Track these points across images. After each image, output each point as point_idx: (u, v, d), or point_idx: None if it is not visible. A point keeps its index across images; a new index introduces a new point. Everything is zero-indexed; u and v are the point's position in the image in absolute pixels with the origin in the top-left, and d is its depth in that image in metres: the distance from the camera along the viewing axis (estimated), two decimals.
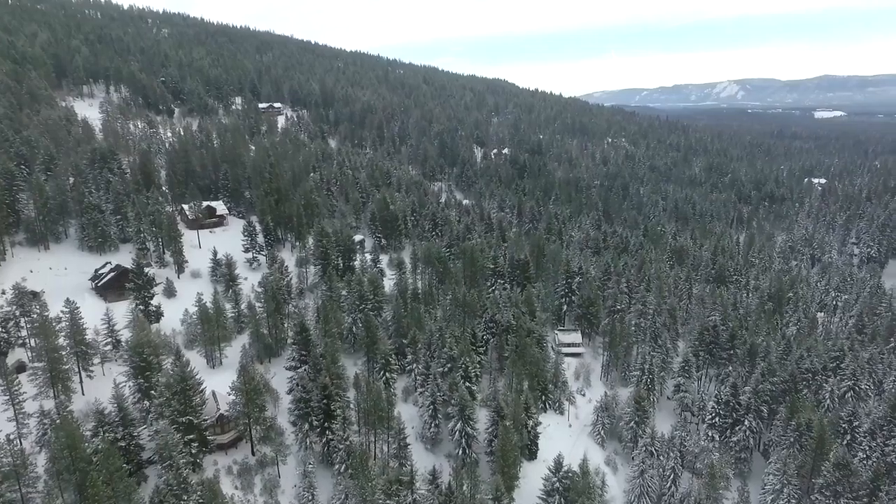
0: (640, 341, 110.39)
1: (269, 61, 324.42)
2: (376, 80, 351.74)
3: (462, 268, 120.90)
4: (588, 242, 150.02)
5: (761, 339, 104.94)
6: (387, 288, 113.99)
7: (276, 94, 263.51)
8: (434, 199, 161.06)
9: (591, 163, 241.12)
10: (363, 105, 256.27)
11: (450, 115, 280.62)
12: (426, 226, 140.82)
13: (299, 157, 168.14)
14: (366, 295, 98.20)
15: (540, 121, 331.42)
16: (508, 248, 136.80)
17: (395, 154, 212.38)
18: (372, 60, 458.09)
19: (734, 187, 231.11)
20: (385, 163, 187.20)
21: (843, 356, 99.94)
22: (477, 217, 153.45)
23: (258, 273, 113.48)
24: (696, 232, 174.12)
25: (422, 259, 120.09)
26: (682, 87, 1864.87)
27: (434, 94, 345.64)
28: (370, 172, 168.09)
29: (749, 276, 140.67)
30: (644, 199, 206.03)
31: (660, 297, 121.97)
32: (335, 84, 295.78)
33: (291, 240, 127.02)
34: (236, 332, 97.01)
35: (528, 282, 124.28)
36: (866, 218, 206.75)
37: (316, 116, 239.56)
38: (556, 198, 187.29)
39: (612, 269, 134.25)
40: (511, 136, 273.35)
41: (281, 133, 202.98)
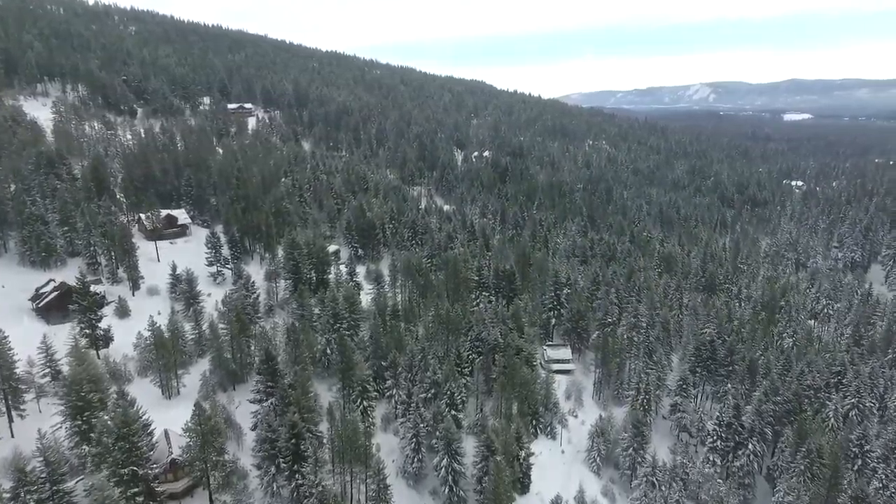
0: (634, 357, 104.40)
1: (241, 60, 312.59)
2: (352, 81, 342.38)
3: (445, 280, 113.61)
4: (575, 250, 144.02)
5: (759, 354, 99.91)
6: (364, 303, 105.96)
7: (248, 94, 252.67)
8: (414, 206, 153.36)
9: (573, 166, 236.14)
10: (339, 106, 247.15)
11: (429, 116, 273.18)
12: (406, 234, 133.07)
13: (270, 160, 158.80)
14: (341, 313, 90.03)
15: (520, 122, 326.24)
16: (493, 257, 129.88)
17: (373, 157, 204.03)
18: (348, 60, 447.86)
19: (717, 191, 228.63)
20: (362, 166, 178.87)
21: (845, 371, 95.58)
22: (459, 224, 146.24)
23: (223, 288, 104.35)
24: (683, 237, 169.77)
25: (401, 271, 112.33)
26: (656, 89, 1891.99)
27: (412, 95, 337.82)
28: (346, 177, 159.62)
29: (740, 284, 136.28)
30: (628, 203, 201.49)
31: (651, 308, 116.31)
32: (310, 84, 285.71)
33: (260, 251, 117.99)
34: (197, 356, 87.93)
35: (515, 293, 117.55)
36: (848, 222, 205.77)
37: (289, 117, 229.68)
38: (540, 202, 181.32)
39: (602, 279, 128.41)
40: (491, 138, 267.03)
41: (251, 135, 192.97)
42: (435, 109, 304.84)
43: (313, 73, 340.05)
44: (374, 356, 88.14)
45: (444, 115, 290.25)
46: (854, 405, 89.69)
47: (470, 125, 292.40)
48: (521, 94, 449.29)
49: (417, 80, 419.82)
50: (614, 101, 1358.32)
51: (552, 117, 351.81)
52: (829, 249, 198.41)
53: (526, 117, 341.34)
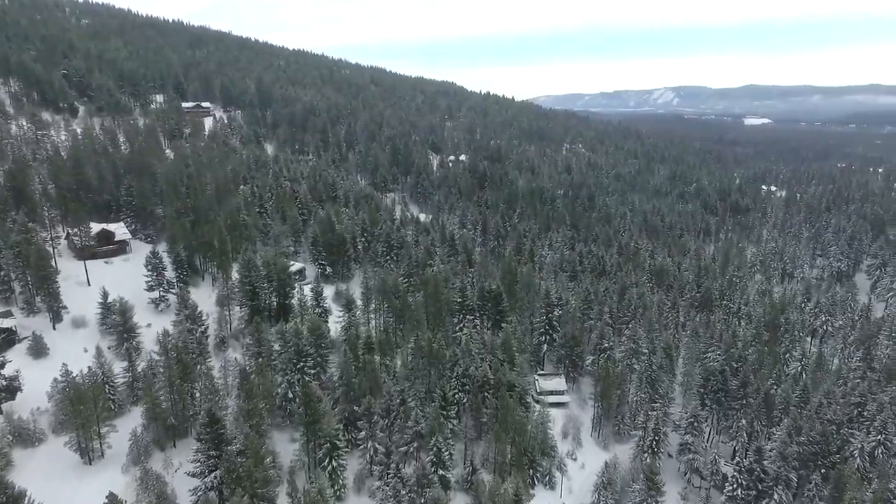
0: (637, 388, 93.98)
1: (201, 57, 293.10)
2: (320, 80, 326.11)
3: (424, 302, 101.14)
4: (563, 264, 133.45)
5: (771, 383, 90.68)
6: (333, 331, 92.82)
7: (206, 92, 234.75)
8: (388, 216, 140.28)
9: (553, 171, 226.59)
10: (305, 106, 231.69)
11: (401, 118, 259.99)
12: (379, 249, 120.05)
13: (228, 165, 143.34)
14: (305, 349, 76.64)
15: (495, 125, 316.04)
16: (475, 274, 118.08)
17: (342, 162, 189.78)
18: (316, 59, 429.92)
19: (700, 197, 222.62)
20: (330, 172, 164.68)
21: (865, 402, 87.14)
22: (438, 237, 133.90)
23: (167, 317, 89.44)
24: (672, 248, 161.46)
25: (376, 293, 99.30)
26: (622, 92, 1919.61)
27: (383, 96, 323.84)
28: (312, 184, 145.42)
29: (738, 300, 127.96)
30: (612, 210, 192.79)
31: (650, 329, 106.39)
32: (274, 82, 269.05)
33: (213, 271, 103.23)
34: (131, 404, 73.35)
35: (502, 316, 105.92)
36: (831, 230, 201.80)
37: (250, 118, 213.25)
38: (522, 210, 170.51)
39: (594, 298, 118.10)
40: (467, 141, 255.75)
41: (208, 137, 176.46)
42: (408, 111, 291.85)
43: (278, 71, 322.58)
44: (346, 399, 75.17)
45: (418, 117, 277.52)
46: (880, 442, 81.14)
47: (444, 127, 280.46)
48: (494, 95, 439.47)
49: (388, 80, 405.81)
50: (582, 103, 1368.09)
51: (528, 120, 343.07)
52: (815, 258, 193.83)
53: (501, 120, 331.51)
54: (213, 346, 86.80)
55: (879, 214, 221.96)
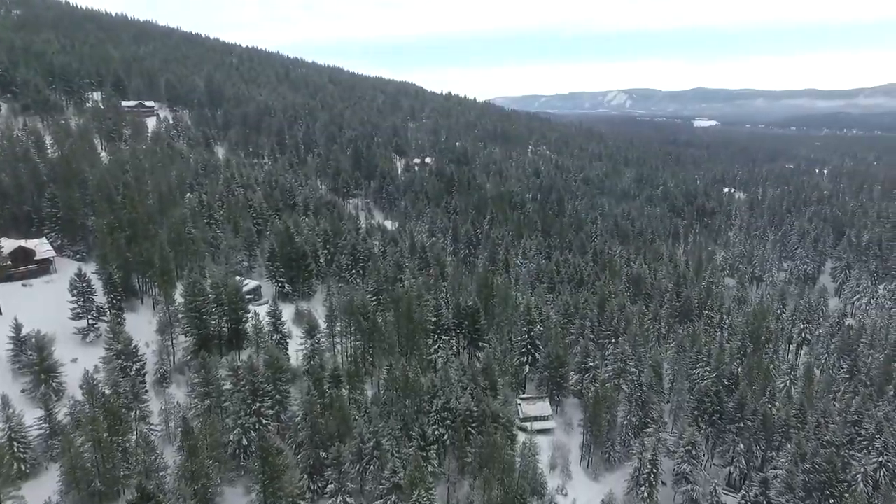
0: (627, 411, 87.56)
1: (146, 53, 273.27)
2: (275, 78, 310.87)
3: (396, 322, 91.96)
4: (540, 275, 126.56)
5: (766, 401, 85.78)
6: (294, 358, 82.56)
7: (150, 89, 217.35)
8: (352, 225, 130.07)
9: (521, 174, 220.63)
10: (259, 105, 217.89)
11: (363, 119, 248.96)
12: (344, 263, 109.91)
13: (172, 171, 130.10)
14: (261, 387, 66.24)
15: (459, 126, 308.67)
16: (449, 288, 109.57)
17: (300, 165, 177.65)
18: (271, 58, 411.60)
19: (667, 200, 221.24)
20: (287, 177, 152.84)
21: (861, 419, 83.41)
22: (407, 247, 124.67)
23: (97, 350, 76.93)
24: (647, 254, 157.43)
25: (342, 314, 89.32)
26: (577, 94, 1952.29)
27: (343, 96, 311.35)
28: (268, 190, 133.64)
29: (719, 309, 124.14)
30: (582, 215, 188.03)
31: (634, 345, 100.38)
32: (225, 80, 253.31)
33: (154, 292, 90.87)
34: (49, 461, 61.21)
35: (479, 335, 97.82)
36: (795, 232, 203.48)
37: (199, 118, 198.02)
38: (493, 216, 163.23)
39: (575, 312, 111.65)
40: (432, 143, 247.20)
41: (151, 139, 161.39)
42: (369, 112, 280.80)
43: (230, 68, 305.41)
44: (310, 443, 65.21)
45: (380, 118, 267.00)
46: (881, 464, 77.18)
47: (407, 129, 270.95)
48: (456, 96, 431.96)
49: (347, 80, 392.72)
50: (539, 104, 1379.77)
51: (492, 121, 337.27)
52: (782, 262, 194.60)
53: (465, 121, 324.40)
54: (152, 383, 75.08)
55: (838, 216, 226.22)
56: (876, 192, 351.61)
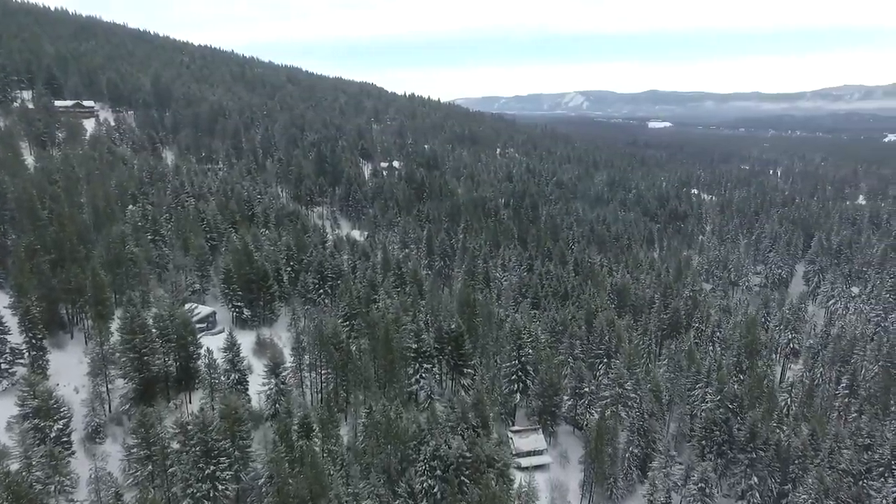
0: (629, 442, 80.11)
1: (87, 49, 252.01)
2: (230, 78, 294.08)
3: (372, 351, 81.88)
4: (523, 289, 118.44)
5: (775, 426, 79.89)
6: (256, 400, 71.53)
7: (90, 88, 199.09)
8: (318, 238, 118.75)
9: (493, 178, 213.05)
10: (213, 106, 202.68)
11: (325, 121, 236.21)
12: (311, 283, 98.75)
13: (112, 179, 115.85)
14: (216, 446, 55.11)
15: (425, 128, 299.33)
16: (428, 308, 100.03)
17: (259, 171, 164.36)
18: (225, 56, 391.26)
19: (640, 204, 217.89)
20: (245, 184, 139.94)
21: (873, 444, 78.50)
22: (379, 261, 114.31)
23: (8, 398, 63.84)
24: (628, 262, 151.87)
25: (310, 344, 78.57)
26: (536, 95, 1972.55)
27: (303, 96, 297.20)
28: (223, 201, 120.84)
29: (708, 321, 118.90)
30: (558, 220, 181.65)
31: (629, 365, 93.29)
32: (175, 79, 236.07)
33: (87, 326, 77.72)
34: None
35: (464, 361, 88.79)
36: (766, 235, 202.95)
37: (145, 120, 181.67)
38: (467, 225, 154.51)
39: (563, 329, 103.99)
40: (398, 146, 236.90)
41: (89, 142, 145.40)
42: (331, 113, 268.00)
43: (181, 67, 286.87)
44: None
45: (343, 120, 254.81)
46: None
47: (372, 131, 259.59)
48: (420, 97, 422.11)
49: (307, 80, 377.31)
50: (498, 105, 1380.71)
51: (458, 123, 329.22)
52: (755, 265, 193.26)
53: (430, 122, 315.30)
54: (82, 439, 62.59)
55: (805, 218, 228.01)
56: (829, 192, 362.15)
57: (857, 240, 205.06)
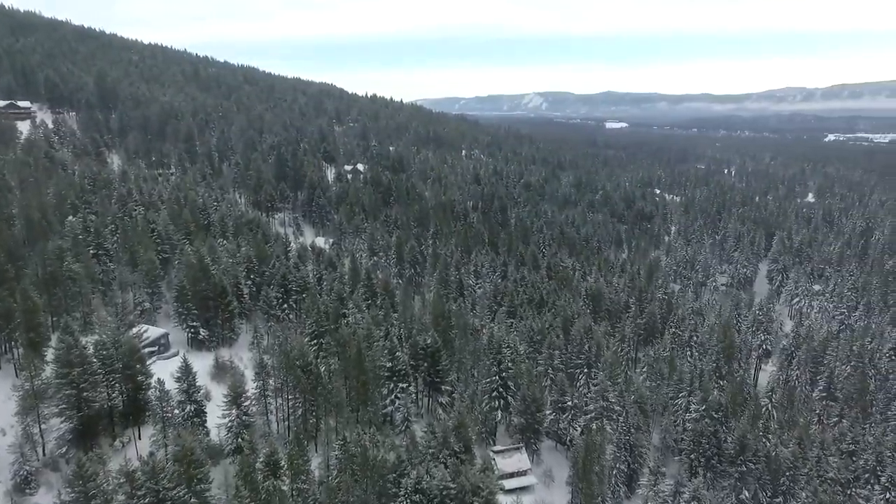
0: (615, 458, 76.79)
1: (25, 46, 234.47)
2: (183, 78, 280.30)
3: (343, 372, 75.92)
4: (498, 297, 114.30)
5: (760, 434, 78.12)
6: (215, 433, 64.66)
7: (26, 87, 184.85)
8: (281, 248, 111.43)
9: (461, 181, 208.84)
10: (164, 107, 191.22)
11: (285, 122, 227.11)
12: (273, 297, 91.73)
13: (49, 187, 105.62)
14: (169, 495, 48.28)
15: (389, 130, 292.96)
16: (401, 321, 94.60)
17: (215, 177, 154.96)
18: (177, 55, 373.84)
19: (608, 205, 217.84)
20: (200, 191, 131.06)
21: (857, 450, 77.74)
22: (348, 273, 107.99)
23: None
24: (601, 266, 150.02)
25: (274, 367, 72.01)
26: (496, 97, 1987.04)
27: (261, 97, 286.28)
28: (176, 209, 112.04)
29: (683, 325, 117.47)
30: (527, 223, 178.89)
31: (612, 376, 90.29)
32: (122, 79, 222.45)
33: (17, 357, 68.82)
34: None
35: (441, 378, 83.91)
36: (731, 235, 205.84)
37: (88, 122, 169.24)
38: (437, 229, 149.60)
39: (542, 339, 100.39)
40: (362, 148, 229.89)
41: (23, 146, 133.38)
42: (291, 114, 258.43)
43: (129, 65, 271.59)
44: None
45: (304, 122, 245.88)
46: (889, 501, 71.31)
47: (334, 133, 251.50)
48: (382, 98, 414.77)
49: (265, 80, 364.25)
50: (459, 106, 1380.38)
51: (422, 124, 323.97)
52: (721, 265, 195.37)
53: (394, 124, 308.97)
54: (10, 490, 54.51)
55: (765, 217, 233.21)
56: (781, 190, 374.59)
57: (816, 238, 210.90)
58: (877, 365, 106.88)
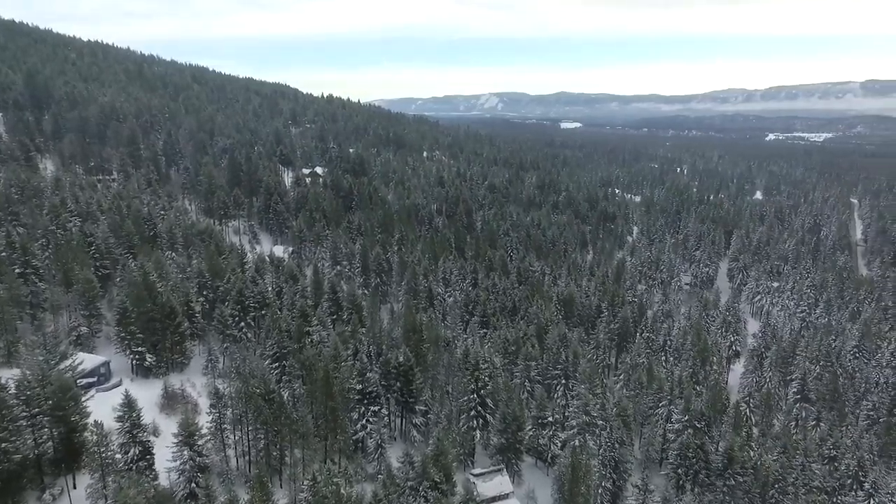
0: (600, 476, 73.35)
1: None
2: (125, 77, 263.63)
3: (309, 398, 69.58)
4: (469, 306, 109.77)
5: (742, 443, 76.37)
6: (166, 478, 57.26)
7: None
8: (236, 259, 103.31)
9: (425, 183, 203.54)
10: (104, 108, 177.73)
11: (238, 124, 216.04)
12: (229, 316, 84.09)
13: None
14: None
15: (348, 131, 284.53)
16: (369, 336, 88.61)
17: (162, 183, 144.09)
18: (120, 53, 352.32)
19: (571, 206, 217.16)
20: (145, 199, 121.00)
21: (838, 455, 77.18)
22: (309, 284, 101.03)
23: None
24: (570, 269, 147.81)
25: (232, 397, 64.92)
26: (452, 97, 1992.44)
27: (211, 97, 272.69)
28: (118, 220, 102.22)
29: (660, 331, 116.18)
30: (493, 226, 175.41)
31: (591, 388, 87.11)
32: (57, 77, 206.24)
33: None
34: None
35: (414, 398, 78.58)
36: (693, 235, 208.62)
37: (17, 123, 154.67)
38: (402, 236, 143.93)
39: (517, 350, 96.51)
40: (321, 151, 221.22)
41: None
42: (244, 116, 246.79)
43: (65, 63, 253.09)
44: None
45: (258, 124, 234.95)
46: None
47: (290, 135, 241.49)
48: (339, 99, 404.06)
49: (215, 80, 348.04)
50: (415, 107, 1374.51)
51: (381, 125, 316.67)
52: (683, 264, 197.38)
53: (353, 125, 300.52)
54: None
55: (723, 215, 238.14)
56: (732, 189, 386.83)
57: (772, 236, 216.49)
58: (843, 364, 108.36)
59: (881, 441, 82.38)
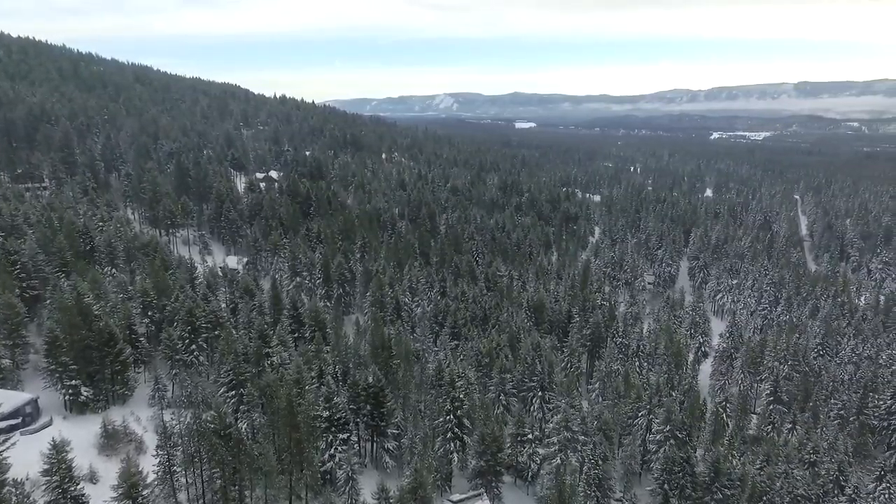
0: (585, 495, 69.96)
1: None
2: (59, 76, 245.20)
3: (271, 429, 63.12)
4: (439, 316, 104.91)
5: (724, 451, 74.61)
6: None
7: None
8: (185, 274, 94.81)
9: (386, 187, 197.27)
10: (33, 109, 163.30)
11: (185, 126, 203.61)
12: (178, 338, 76.21)
13: None
14: None
15: (303, 133, 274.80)
16: (334, 355, 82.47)
17: (101, 191, 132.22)
18: (53, 51, 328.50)
19: (534, 207, 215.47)
20: (81, 209, 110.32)
21: (818, 461, 76.55)
22: (266, 299, 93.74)
23: None
24: (539, 273, 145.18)
25: (182, 437, 57.76)
26: (407, 98, 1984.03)
27: (155, 98, 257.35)
28: (48, 234, 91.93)
29: (630, 335, 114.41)
30: (458, 230, 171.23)
31: (569, 399, 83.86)
32: None
33: None
34: None
35: (386, 422, 73.06)
36: (654, 235, 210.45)
37: None
38: (364, 243, 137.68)
39: (490, 362, 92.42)
40: (275, 154, 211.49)
41: None
42: (192, 118, 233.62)
43: None
44: None
45: (206, 126, 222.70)
46: None
47: (242, 137, 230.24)
48: (293, 99, 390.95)
49: (159, 79, 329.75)
50: (370, 108, 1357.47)
51: (337, 126, 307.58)
52: (646, 264, 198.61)
53: (308, 127, 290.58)
54: None
55: (681, 214, 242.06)
56: (684, 187, 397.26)
57: (729, 234, 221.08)
58: (808, 363, 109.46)
59: (854, 442, 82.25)
